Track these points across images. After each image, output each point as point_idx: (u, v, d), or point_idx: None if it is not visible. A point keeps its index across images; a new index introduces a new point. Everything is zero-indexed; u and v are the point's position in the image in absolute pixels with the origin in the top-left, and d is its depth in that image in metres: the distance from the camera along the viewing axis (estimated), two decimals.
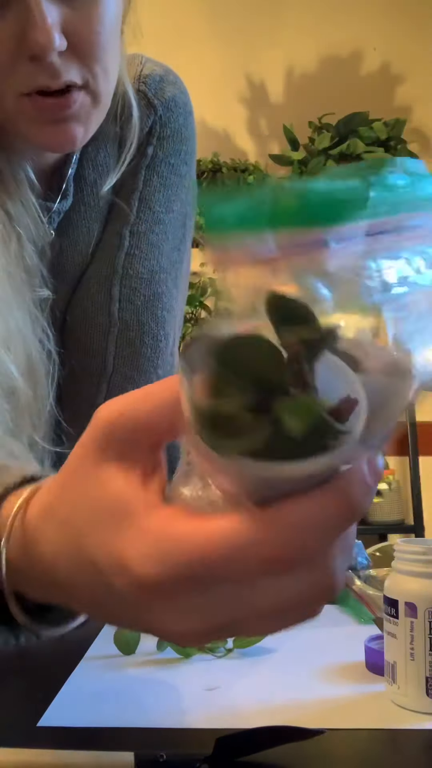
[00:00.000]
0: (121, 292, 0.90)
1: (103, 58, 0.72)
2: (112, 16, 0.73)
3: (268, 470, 0.30)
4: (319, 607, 0.35)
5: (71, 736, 0.52)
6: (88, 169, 0.91)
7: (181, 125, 0.97)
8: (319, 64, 3.01)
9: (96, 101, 0.74)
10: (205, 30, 2.95)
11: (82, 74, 0.71)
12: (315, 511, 0.31)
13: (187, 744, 0.51)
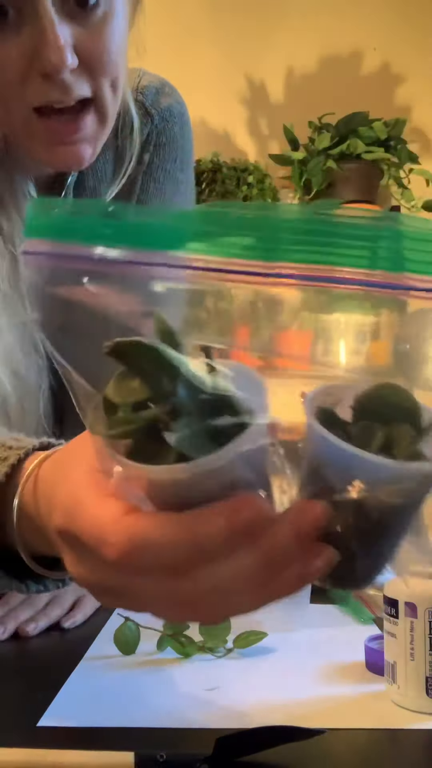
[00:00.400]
0: None
1: (112, 74, 0.74)
2: (121, 34, 0.74)
3: (138, 470, 0.33)
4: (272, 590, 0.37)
5: (71, 736, 0.52)
6: (88, 177, 0.92)
7: (177, 133, 0.98)
8: (319, 64, 3.01)
9: (103, 121, 0.76)
10: (205, 30, 2.95)
11: (92, 89, 0.72)
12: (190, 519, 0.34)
13: (187, 744, 0.51)
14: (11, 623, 0.76)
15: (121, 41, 0.75)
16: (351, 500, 0.35)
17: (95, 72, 0.71)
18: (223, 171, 2.65)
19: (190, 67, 2.90)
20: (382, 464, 0.34)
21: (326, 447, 0.36)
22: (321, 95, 2.94)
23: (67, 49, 0.67)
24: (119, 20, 0.73)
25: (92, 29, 0.70)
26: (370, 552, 0.37)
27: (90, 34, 0.70)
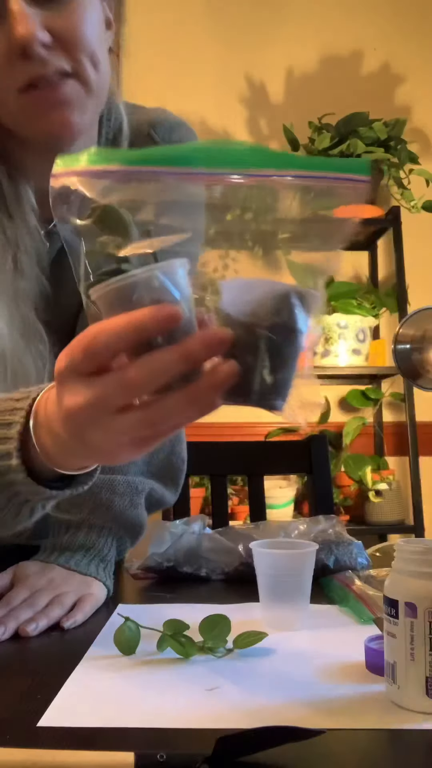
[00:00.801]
0: None
1: (88, 50, 0.79)
2: (92, 18, 0.81)
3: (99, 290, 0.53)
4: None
5: (71, 736, 0.52)
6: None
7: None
8: (319, 64, 3.01)
9: (88, 89, 0.81)
10: (205, 30, 2.95)
11: (69, 63, 0.78)
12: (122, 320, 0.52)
13: (187, 744, 0.51)
14: (12, 623, 0.77)
15: (94, 23, 0.81)
16: (244, 323, 0.54)
17: (70, 47, 0.78)
18: None
19: (190, 67, 2.90)
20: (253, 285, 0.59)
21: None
22: (321, 95, 2.94)
23: (34, 24, 0.75)
24: (89, 9, 0.80)
25: (62, 11, 0.78)
26: (258, 371, 0.54)
27: (60, 16, 0.78)
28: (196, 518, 1.09)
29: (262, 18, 2.97)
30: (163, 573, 1.03)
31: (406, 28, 3.02)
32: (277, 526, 1.09)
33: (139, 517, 0.98)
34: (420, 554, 0.57)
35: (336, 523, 1.09)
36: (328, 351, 2.71)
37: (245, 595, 0.89)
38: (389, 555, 1.17)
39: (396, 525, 2.70)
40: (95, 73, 0.81)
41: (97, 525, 0.94)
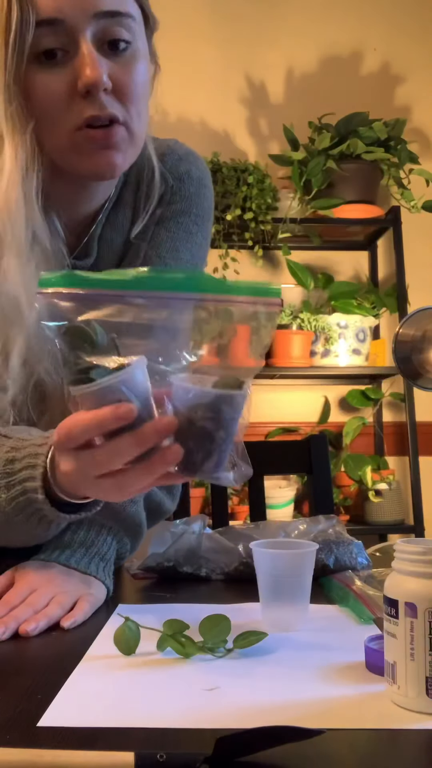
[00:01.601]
0: None
1: (137, 103, 0.90)
2: (144, 75, 0.92)
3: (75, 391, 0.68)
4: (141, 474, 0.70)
5: (71, 736, 0.52)
6: (109, 231, 1.04)
7: (193, 194, 1.09)
8: (319, 64, 3.01)
9: (132, 137, 0.91)
10: (206, 30, 2.95)
11: (122, 112, 0.88)
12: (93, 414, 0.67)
13: (187, 744, 0.51)
14: (12, 623, 0.77)
15: (144, 80, 0.92)
16: (186, 416, 0.68)
17: (124, 98, 0.88)
18: (223, 171, 2.65)
19: (190, 67, 2.89)
20: (191, 390, 0.68)
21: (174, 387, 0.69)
22: (321, 95, 2.94)
23: (103, 69, 0.85)
24: (143, 63, 0.91)
25: (122, 65, 0.88)
26: (197, 452, 0.69)
27: (120, 68, 0.88)
28: (196, 518, 1.08)
29: (262, 18, 2.97)
30: (163, 573, 1.03)
31: (406, 28, 3.02)
32: (277, 526, 1.09)
33: (138, 515, 0.98)
34: (420, 554, 0.57)
35: (336, 523, 1.09)
36: (328, 351, 2.71)
37: (245, 595, 0.89)
38: (389, 555, 1.17)
39: (396, 525, 2.70)
40: (139, 124, 0.91)
41: (97, 522, 0.94)
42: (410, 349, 0.90)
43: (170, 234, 1.06)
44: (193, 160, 1.11)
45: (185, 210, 1.08)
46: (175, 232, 1.06)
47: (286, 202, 2.70)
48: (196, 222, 1.09)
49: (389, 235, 2.84)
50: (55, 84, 0.85)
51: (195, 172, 1.10)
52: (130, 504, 0.97)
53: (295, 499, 2.72)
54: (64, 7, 0.83)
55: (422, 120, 3.01)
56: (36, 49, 0.84)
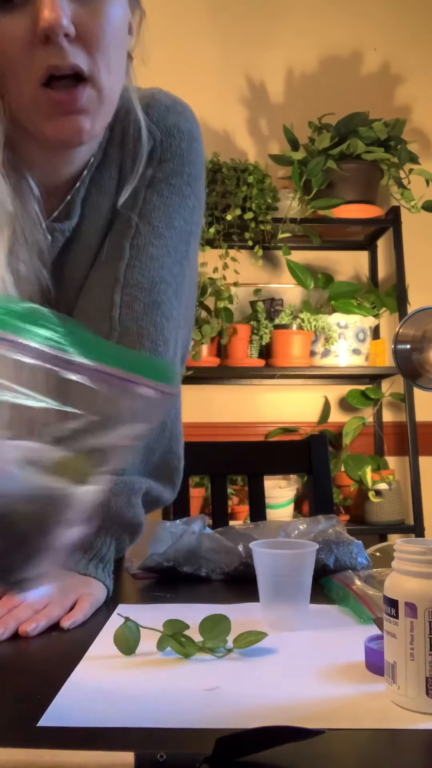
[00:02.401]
0: (122, 299, 0.95)
1: (107, 53, 0.81)
2: (117, 20, 0.82)
3: None
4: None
5: (71, 736, 0.52)
6: (94, 193, 0.97)
7: (184, 150, 1.00)
8: (319, 64, 3.01)
9: (101, 96, 0.82)
10: (205, 30, 2.95)
11: (87, 64, 0.79)
12: None
13: (187, 744, 0.51)
14: (12, 623, 0.77)
15: (116, 26, 0.82)
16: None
17: (90, 46, 0.79)
18: (223, 171, 2.65)
19: (190, 67, 2.90)
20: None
21: None
22: (321, 95, 2.94)
23: (63, 13, 0.76)
24: (115, 6, 0.81)
25: (89, 8, 0.79)
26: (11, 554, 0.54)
27: (86, 12, 0.79)
28: (196, 518, 1.08)
29: (262, 18, 2.97)
30: (163, 573, 1.03)
31: (406, 28, 3.02)
32: (277, 526, 1.09)
33: (137, 517, 0.98)
34: (420, 554, 0.57)
35: (336, 523, 1.09)
36: (328, 351, 2.71)
37: (245, 595, 0.89)
38: (389, 555, 1.17)
39: (396, 525, 2.70)
40: (108, 78, 0.82)
41: (95, 525, 0.94)
42: (410, 349, 0.90)
43: (163, 199, 0.98)
44: (182, 110, 1.02)
45: (177, 170, 0.99)
46: (167, 197, 0.99)
47: (286, 202, 2.70)
48: (189, 182, 1.01)
49: (389, 235, 2.84)
50: (13, 29, 0.77)
51: (184, 125, 1.01)
52: (128, 508, 0.96)
53: (295, 499, 2.72)
54: None
55: (422, 120, 3.01)
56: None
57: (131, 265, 0.96)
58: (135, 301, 0.95)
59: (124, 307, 0.95)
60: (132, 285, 0.96)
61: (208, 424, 2.83)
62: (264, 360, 2.72)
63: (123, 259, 0.96)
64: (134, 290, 0.96)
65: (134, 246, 0.97)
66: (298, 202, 2.71)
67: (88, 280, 0.98)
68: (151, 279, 0.96)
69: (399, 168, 2.71)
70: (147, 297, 0.96)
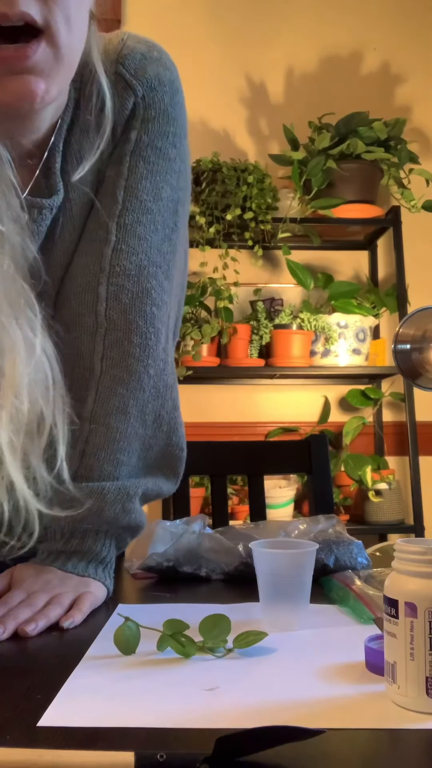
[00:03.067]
0: (108, 291, 0.89)
1: (64, 5, 0.70)
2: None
3: None
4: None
5: (71, 736, 0.52)
6: (72, 163, 0.88)
7: (167, 104, 0.90)
8: (319, 64, 3.01)
9: (57, 55, 0.72)
10: (205, 30, 2.95)
11: (41, 13, 0.69)
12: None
13: (187, 744, 0.51)
14: (11, 623, 0.76)
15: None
16: None
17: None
18: (223, 171, 2.65)
19: (190, 67, 2.90)
20: None
21: None
22: (321, 95, 2.94)
23: None
24: None
25: None
26: None
27: None
28: (196, 518, 1.08)
29: (262, 18, 2.97)
30: (163, 573, 1.03)
31: (406, 28, 3.02)
32: (277, 526, 1.09)
33: (134, 520, 0.95)
34: (420, 554, 0.57)
35: (336, 523, 1.09)
36: (328, 351, 2.71)
37: (245, 595, 0.89)
38: (389, 555, 1.17)
39: (396, 525, 2.70)
40: (67, 33, 0.72)
41: (92, 530, 0.92)
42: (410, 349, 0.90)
43: (149, 167, 0.90)
44: (159, 56, 0.91)
45: (162, 130, 0.90)
46: (154, 163, 0.90)
47: (286, 202, 2.70)
48: (174, 143, 0.92)
49: (389, 235, 2.84)
50: None
51: (165, 75, 0.90)
52: (123, 515, 0.93)
53: (295, 499, 2.72)
54: None
55: (422, 120, 3.01)
56: None
57: (117, 249, 0.89)
58: (122, 292, 0.89)
59: (111, 299, 0.89)
60: (118, 273, 0.89)
61: (208, 424, 2.83)
62: (264, 360, 2.72)
63: (109, 243, 0.89)
64: (121, 279, 0.89)
65: (121, 226, 0.89)
66: (298, 202, 2.71)
67: (72, 264, 0.90)
68: (139, 263, 0.89)
69: (399, 168, 2.71)
70: (135, 285, 0.89)
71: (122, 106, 0.88)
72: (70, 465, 0.88)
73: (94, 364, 0.91)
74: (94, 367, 0.91)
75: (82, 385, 0.91)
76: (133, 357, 0.91)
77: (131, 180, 0.90)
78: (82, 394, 0.91)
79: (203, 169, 2.64)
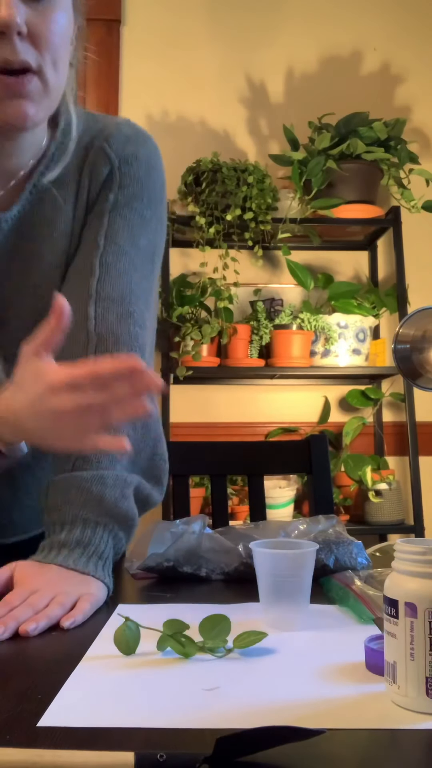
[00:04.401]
0: (96, 312, 1.02)
1: (53, 53, 0.92)
2: (63, 26, 0.93)
3: None
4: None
5: (71, 736, 0.52)
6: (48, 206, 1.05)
7: (143, 176, 1.08)
8: (319, 64, 3.01)
9: (46, 88, 0.93)
10: (205, 30, 2.95)
11: (36, 60, 0.90)
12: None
13: (187, 744, 0.51)
14: (12, 623, 0.77)
15: (62, 32, 0.93)
16: None
17: (39, 45, 0.90)
18: (223, 171, 2.65)
19: (190, 67, 2.90)
20: None
21: None
22: (321, 95, 2.94)
23: (18, 13, 0.87)
24: (62, 13, 0.93)
25: (40, 12, 0.90)
26: None
27: (38, 15, 0.90)
28: (196, 518, 1.08)
29: (262, 18, 2.97)
30: (163, 573, 1.03)
31: (406, 28, 3.02)
32: (277, 526, 1.09)
33: (131, 510, 0.98)
34: (420, 554, 0.57)
35: (336, 523, 1.09)
36: (328, 351, 2.71)
37: (245, 595, 0.89)
38: (389, 555, 1.17)
39: (396, 525, 2.70)
40: (54, 74, 0.93)
41: (92, 520, 0.94)
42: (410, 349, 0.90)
43: (125, 222, 1.06)
44: (142, 141, 1.10)
45: (137, 194, 1.08)
46: (130, 219, 1.07)
47: (286, 202, 2.70)
48: (149, 206, 1.09)
49: (389, 235, 2.84)
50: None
51: (143, 153, 1.09)
52: (122, 500, 0.97)
53: (295, 499, 2.72)
54: None
55: (422, 120, 3.01)
56: None
57: (101, 280, 1.03)
58: (108, 312, 1.02)
59: (99, 318, 1.02)
60: (104, 298, 1.02)
61: (208, 424, 2.83)
62: (264, 360, 2.72)
63: (93, 275, 1.04)
64: (107, 302, 1.02)
65: (102, 263, 1.04)
66: (298, 202, 2.71)
67: (62, 291, 1.04)
68: (121, 292, 1.03)
69: (399, 168, 2.71)
70: (119, 308, 1.03)
71: (97, 171, 1.07)
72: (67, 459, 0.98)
73: None
74: None
75: None
76: None
77: (110, 231, 1.06)
78: None
79: (203, 169, 2.64)
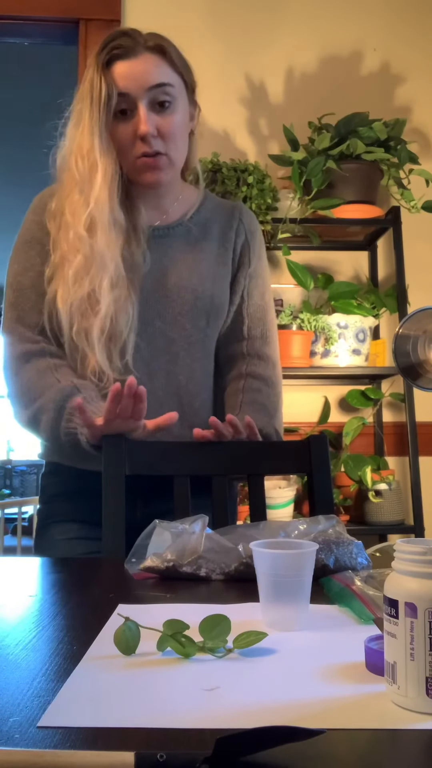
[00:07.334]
0: (249, 315, 1.61)
1: (175, 141, 1.46)
2: (180, 122, 1.47)
3: None
4: None
5: (71, 736, 0.52)
6: (197, 234, 1.58)
7: (261, 245, 1.66)
8: (319, 64, 3.01)
9: (171, 162, 1.47)
10: (205, 30, 2.95)
11: (164, 147, 1.44)
12: None
13: (187, 744, 0.51)
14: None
15: (181, 125, 1.47)
16: None
17: (166, 138, 1.44)
18: (223, 171, 2.64)
19: None
20: None
21: None
22: (321, 95, 2.94)
23: (152, 123, 1.41)
24: (179, 114, 1.47)
25: (165, 117, 1.44)
26: None
27: (163, 119, 1.43)
28: (196, 518, 1.09)
29: (262, 18, 2.97)
30: (163, 573, 1.03)
31: (406, 28, 3.02)
32: (277, 526, 1.09)
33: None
34: (420, 554, 0.57)
35: (336, 523, 1.09)
36: (328, 351, 2.71)
37: (245, 595, 0.89)
38: (389, 555, 1.17)
39: (396, 525, 2.70)
40: (176, 153, 1.47)
41: None
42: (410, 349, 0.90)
43: (258, 291, 1.62)
44: (256, 219, 1.67)
45: (262, 264, 1.64)
46: (261, 287, 1.63)
47: (285, 202, 2.70)
48: (265, 268, 1.67)
49: (389, 235, 2.84)
50: (125, 131, 1.43)
51: (257, 226, 1.65)
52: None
53: (295, 499, 2.72)
54: (129, 85, 1.41)
55: (422, 120, 3.01)
56: (115, 109, 1.41)
57: (250, 296, 1.63)
58: (259, 312, 1.64)
59: (253, 318, 1.63)
60: (253, 305, 1.63)
61: None
62: None
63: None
64: (258, 310, 1.63)
65: (248, 292, 1.63)
66: (298, 203, 2.71)
67: (224, 348, 1.61)
68: (263, 305, 1.64)
69: (399, 168, 2.71)
70: (264, 314, 1.65)
71: (230, 219, 1.61)
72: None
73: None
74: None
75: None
76: (274, 344, 1.66)
77: (250, 301, 1.62)
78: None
79: (203, 169, 2.64)
